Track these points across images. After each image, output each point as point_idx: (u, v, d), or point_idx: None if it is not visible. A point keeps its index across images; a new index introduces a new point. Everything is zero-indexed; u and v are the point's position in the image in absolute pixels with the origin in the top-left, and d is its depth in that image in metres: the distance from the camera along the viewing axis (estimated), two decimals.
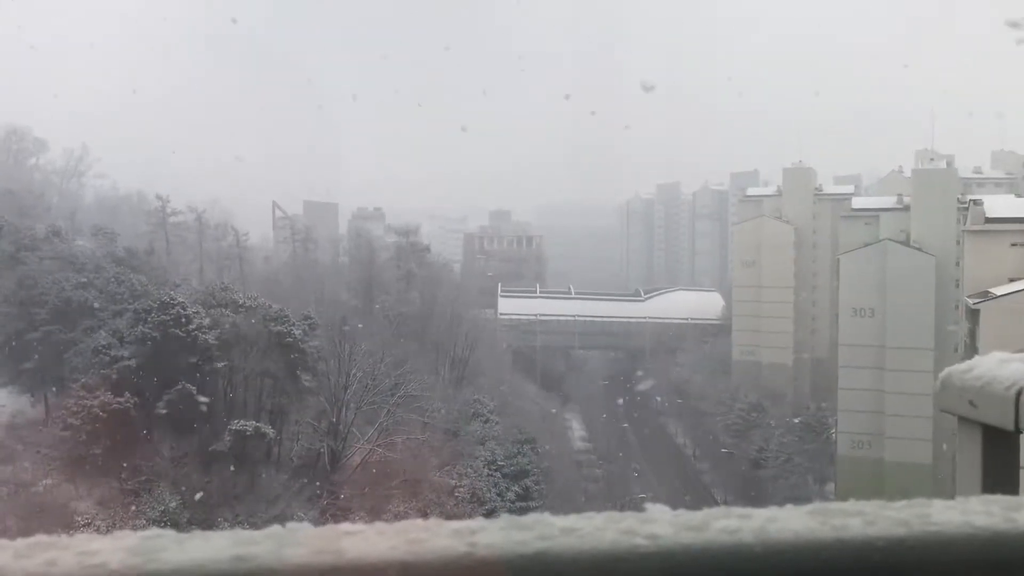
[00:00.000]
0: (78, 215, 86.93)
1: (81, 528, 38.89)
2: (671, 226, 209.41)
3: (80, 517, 40.87)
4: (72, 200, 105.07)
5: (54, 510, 41.00)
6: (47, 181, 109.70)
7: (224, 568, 1.37)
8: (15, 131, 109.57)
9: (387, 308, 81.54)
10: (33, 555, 1.40)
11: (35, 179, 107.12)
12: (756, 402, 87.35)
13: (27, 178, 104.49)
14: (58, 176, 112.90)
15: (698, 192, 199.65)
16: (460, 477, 53.53)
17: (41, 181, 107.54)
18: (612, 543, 1.42)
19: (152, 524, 39.45)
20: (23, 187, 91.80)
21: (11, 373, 55.70)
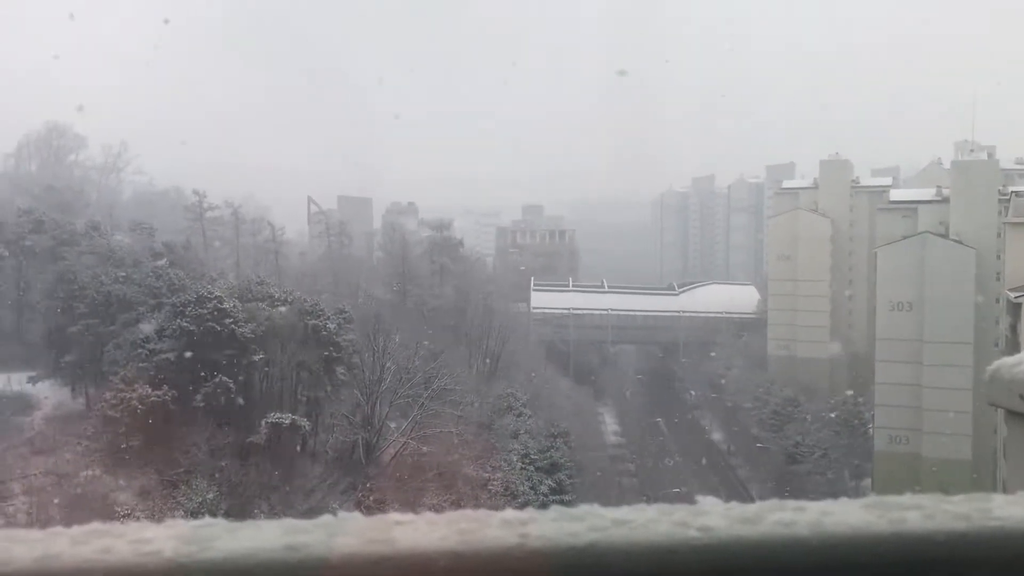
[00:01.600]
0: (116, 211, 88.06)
1: (121, 519, 39.51)
2: (706, 219, 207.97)
3: (120, 508, 41.52)
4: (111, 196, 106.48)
5: (95, 501, 41.69)
6: (86, 177, 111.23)
7: (276, 557, 1.39)
8: (56, 127, 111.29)
9: (420, 302, 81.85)
10: (88, 542, 1.43)
11: (75, 175, 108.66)
12: (791, 396, 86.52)
13: (67, 174, 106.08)
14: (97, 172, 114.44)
15: (733, 185, 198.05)
16: (493, 470, 53.67)
17: (81, 177, 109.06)
18: (665, 535, 1.42)
19: (190, 515, 40.04)
20: (63, 183, 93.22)
21: (52, 366, 56.58)
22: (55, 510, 40.30)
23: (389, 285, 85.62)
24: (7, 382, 54.03)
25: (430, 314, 78.13)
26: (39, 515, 39.67)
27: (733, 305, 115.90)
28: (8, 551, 1.40)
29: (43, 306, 60.12)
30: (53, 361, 56.56)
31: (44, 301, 59.72)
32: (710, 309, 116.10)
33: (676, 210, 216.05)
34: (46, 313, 59.62)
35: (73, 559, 1.40)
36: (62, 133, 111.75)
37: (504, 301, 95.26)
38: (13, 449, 46.32)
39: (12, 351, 60.57)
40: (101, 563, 1.39)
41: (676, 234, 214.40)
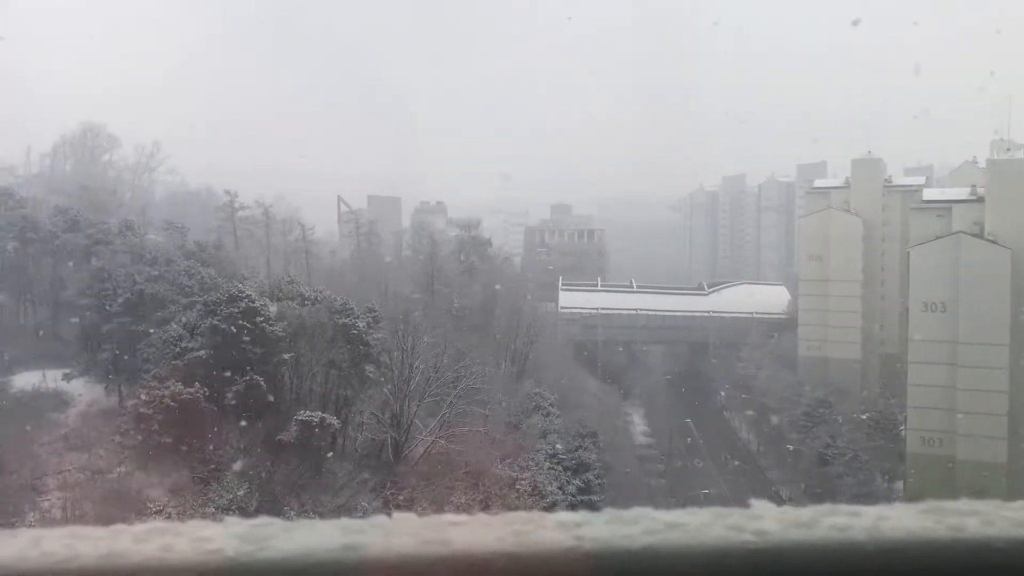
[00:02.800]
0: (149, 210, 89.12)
1: (154, 515, 39.94)
2: (736, 219, 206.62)
3: (152, 504, 41.94)
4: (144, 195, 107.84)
5: (128, 497, 42.16)
6: (119, 177, 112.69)
7: (334, 556, 1.41)
8: (90, 128, 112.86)
9: (449, 301, 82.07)
10: (150, 540, 1.46)
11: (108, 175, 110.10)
12: (822, 398, 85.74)
13: (101, 174, 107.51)
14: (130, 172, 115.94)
15: (764, 184, 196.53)
16: (521, 470, 53.66)
17: (114, 177, 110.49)
18: (719, 539, 1.42)
19: (221, 512, 40.42)
20: (97, 183, 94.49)
21: (86, 363, 57.31)
22: (89, 506, 40.81)
23: (418, 284, 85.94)
24: (43, 379, 54.83)
25: (458, 313, 78.29)
26: (73, 510, 40.21)
27: (763, 305, 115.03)
28: (73, 548, 1.43)
29: (78, 304, 60.92)
30: (87, 358, 57.28)
31: (79, 299, 60.50)
32: (740, 309, 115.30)
33: (706, 209, 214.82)
34: (81, 311, 60.41)
35: (136, 557, 1.42)
36: (96, 134, 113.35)
37: (532, 300, 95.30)
38: (49, 445, 47.01)
39: (48, 348, 61.53)
40: (163, 561, 1.41)
41: (706, 233, 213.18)
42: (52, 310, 69.48)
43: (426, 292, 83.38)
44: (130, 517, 38.56)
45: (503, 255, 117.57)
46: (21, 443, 44.32)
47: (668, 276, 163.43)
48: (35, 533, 1.48)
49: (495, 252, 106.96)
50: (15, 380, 53.96)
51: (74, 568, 1.40)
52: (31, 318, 71.91)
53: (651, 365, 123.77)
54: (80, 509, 40.35)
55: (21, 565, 1.40)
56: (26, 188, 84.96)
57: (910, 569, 1.40)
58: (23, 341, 62.82)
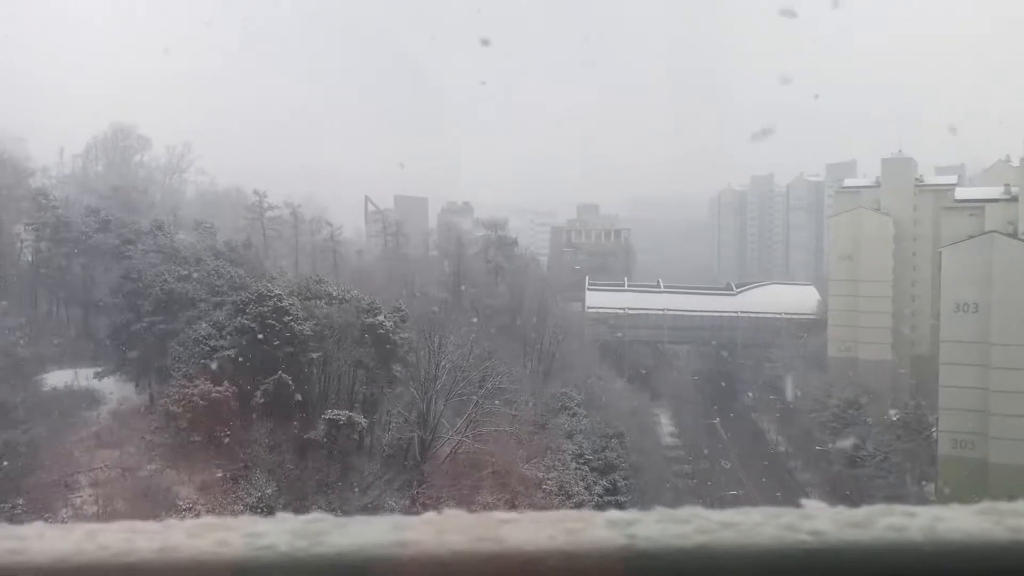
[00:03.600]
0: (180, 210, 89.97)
1: (183, 512, 40.30)
2: (764, 218, 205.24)
3: (182, 501, 42.33)
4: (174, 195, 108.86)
5: (158, 494, 42.59)
6: (150, 177, 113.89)
7: (388, 552, 1.41)
8: (121, 129, 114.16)
9: (475, 301, 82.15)
10: (204, 535, 1.48)
11: (139, 175, 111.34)
12: (852, 399, 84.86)
13: (132, 175, 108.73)
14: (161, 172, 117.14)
15: (793, 183, 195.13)
16: (548, 470, 53.61)
17: (145, 177, 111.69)
18: (774, 538, 1.41)
19: (249, 510, 40.70)
20: (128, 183, 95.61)
21: (117, 361, 57.99)
22: (120, 503, 41.26)
23: (444, 284, 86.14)
24: (75, 377, 55.54)
25: (485, 313, 78.34)
26: (105, 507, 40.67)
27: (792, 306, 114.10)
28: (130, 542, 1.46)
29: (109, 303, 61.65)
30: (119, 357, 57.95)
31: (110, 298, 61.24)
32: (769, 310, 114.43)
33: (734, 209, 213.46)
34: (112, 310, 61.12)
35: (191, 551, 1.44)
36: (127, 134, 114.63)
37: (559, 300, 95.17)
38: (81, 442, 47.62)
39: (80, 347, 62.38)
40: (218, 556, 1.43)
41: (734, 233, 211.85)
42: (84, 309, 70.41)
43: (452, 292, 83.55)
44: (160, 514, 38.94)
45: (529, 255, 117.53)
46: (54, 440, 44.91)
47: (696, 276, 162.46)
48: (91, 527, 1.50)
49: (521, 252, 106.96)
50: (48, 378, 54.67)
51: (131, 562, 1.42)
52: (63, 317, 72.94)
53: (678, 366, 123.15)
54: (111, 506, 40.79)
55: (79, 558, 1.43)
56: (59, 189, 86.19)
57: (970, 571, 1.38)
58: (56, 340, 63.67)
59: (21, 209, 73.62)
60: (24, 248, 75.12)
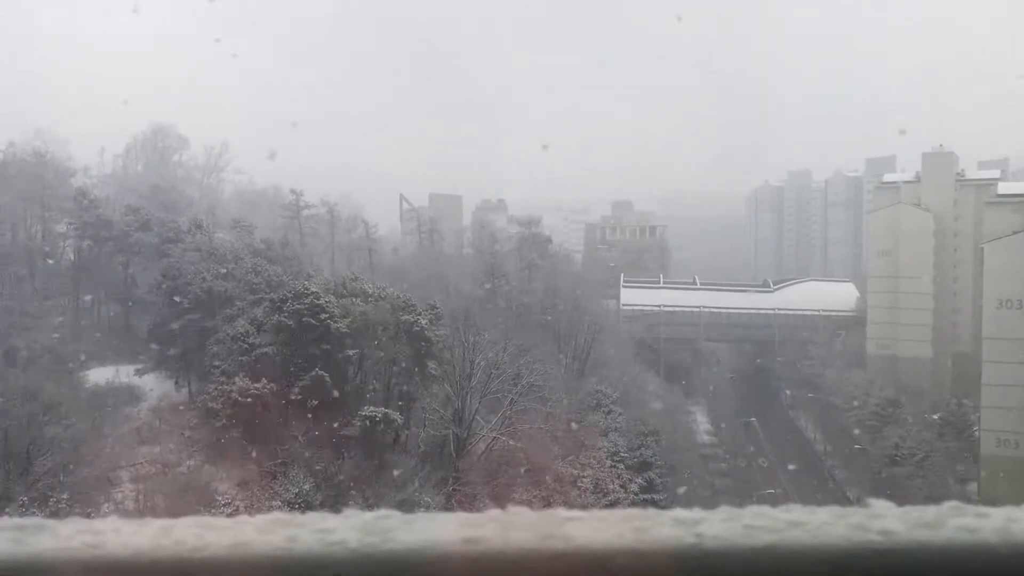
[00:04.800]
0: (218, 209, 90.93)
1: (221, 508, 40.73)
2: (802, 214, 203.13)
3: (221, 497, 42.77)
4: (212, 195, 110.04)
5: (197, 490, 43.07)
6: (189, 177, 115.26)
7: (456, 549, 1.42)
8: (160, 129, 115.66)
9: (509, 298, 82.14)
10: (274, 531, 1.49)
11: (178, 175, 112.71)
12: (892, 397, 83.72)
13: (171, 174, 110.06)
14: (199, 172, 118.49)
15: (831, 179, 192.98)
16: (583, 467, 53.50)
17: (183, 177, 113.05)
18: (843, 538, 1.39)
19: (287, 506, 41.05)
20: (168, 182, 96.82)
21: (157, 358, 58.73)
22: (160, 498, 41.80)
23: (478, 281, 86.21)
24: (116, 374, 56.36)
25: (519, 310, 78.32)
26: (145, 502, 41.23)
27: (830, 302, 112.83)
28: (203, 537, 1.48)
29: (149, 301, 62.48)
30: (158, 354, 58.67)
31: (150, 296, 62.05)
32: (806, 306, 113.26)
33: (771, 205, 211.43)
34: (152, 308, 61.93)
35: (262, 547, 1.45)
36: (166, 134, 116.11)
37: (593, 298, 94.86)
38: (122, 438, 48.31)
39: (121, 344, 63.31)
40: (289, 551, 1.44)
41: (771, 229, 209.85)
42: (124, 307, 71.45)
43: (487, 289, 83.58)
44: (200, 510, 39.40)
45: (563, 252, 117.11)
46: (96, 436, 45.60)
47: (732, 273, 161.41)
48: (164, 522, 1.54)
49: (555, 249, 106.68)
50: (90, 375, 55.51)
51: (205, 557, 1.44)
52: (105, 315, 74.08)
53: (715, 363, 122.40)
54: (151, 501, 41.33)
55: (155, 553, 1.45)
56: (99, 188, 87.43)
57: None
58: (97, 337, 64.69)
59: (63, 208, 74.91)
60: (66, 247, 76.46)
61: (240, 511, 40.00)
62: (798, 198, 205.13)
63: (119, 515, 1.57)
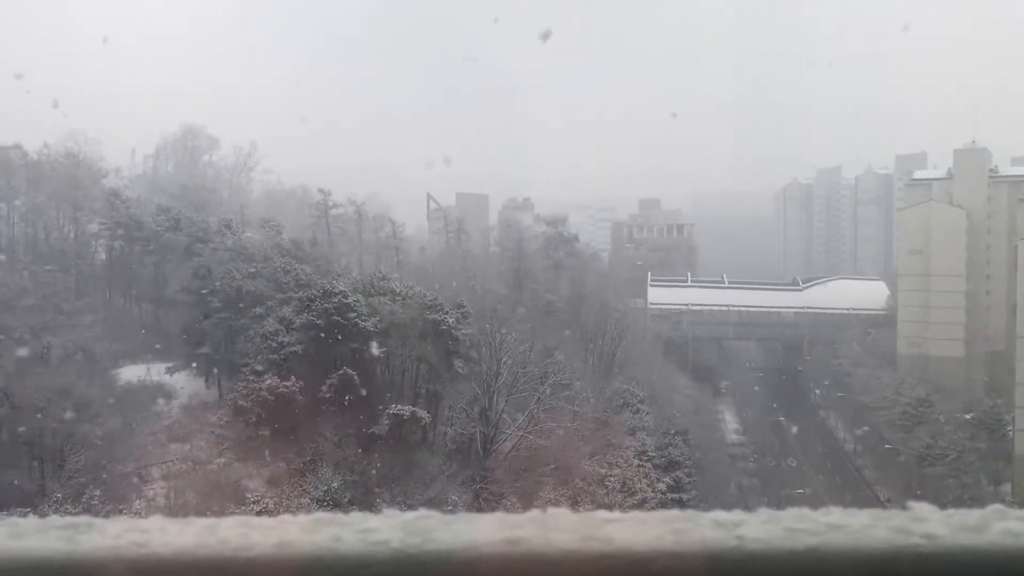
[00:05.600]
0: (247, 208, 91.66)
1: (251, 505, 41.08)
2: (831, 212, 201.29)
3: (250, 494, 43.14)
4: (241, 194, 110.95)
5: (227, 487, 43.48)
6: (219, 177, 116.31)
7: (496, 550, 1.42)
8: (191, 129, 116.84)
9: (536, 297, 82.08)
10: (317, 531, 1.50)
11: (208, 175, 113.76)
12: (923, 397, 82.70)
13: (201, 174, 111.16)
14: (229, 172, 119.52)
15: (861, 176, 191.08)
16: (610, 466, 53.39)
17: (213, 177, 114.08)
18: (885, 541, 1.38)
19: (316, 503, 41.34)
20: (198, 182, 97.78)
21: (188, 357, 59.25)
22: (191, 495, 42.24)
23: (505, 280, 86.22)
24: (147, 372, 56.99)
25: (546, 309, 78.23)
26: (176, 499, 41.69)
27: (860, 301, 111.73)
28: (247, 537, 1.49)
29: (179, 300, 63.07)
30: (189, 352, 59.17)
31: (180, 295, 62.63)
32: (836, 305, 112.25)
33: (800, 203, 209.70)
34: (182, 307, 62.50)
35: (306, 546, 1.46)
36: (196, 135, 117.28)
37: (620, 297, 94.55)
38: (153, 436, 48.86)
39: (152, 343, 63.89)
40: (333, 551, 1.45)
41: (800, 227, 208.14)
42: (155, 306, 72.18)
43: (514, 288, 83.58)
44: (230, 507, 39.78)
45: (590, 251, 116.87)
46: (128, 433, 46.17)
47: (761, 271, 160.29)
48: (209, 522, 1.56)
49: (582, 248, 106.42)
50: (122, 373, 56.15)
51: (250, 556, 1.46)
52: (136, 313, 74.91)
53: (743, 362, 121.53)
54: (182, 498, 41.78)
55: (201, 552, 1.47)
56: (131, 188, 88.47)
57: None
58: (129, 336, 65.36)
59: (95, 209, 75.86)
60: (98, 246, 77.43)
61: (269, 508, 40.38)
62: (827, 196, 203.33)
63: (163, 514, 1.62)
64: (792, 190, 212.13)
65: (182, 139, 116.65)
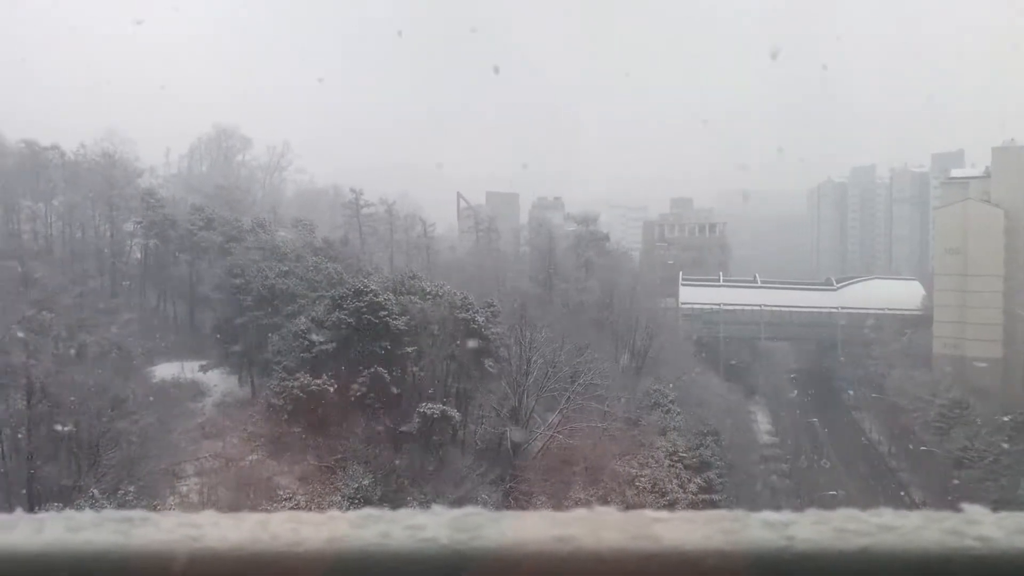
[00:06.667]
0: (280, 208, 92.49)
1: (283, 502, 41.38)
2: (866, 211, 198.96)
3: (282, 491, 43.46)
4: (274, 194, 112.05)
5: (259, 484, 43.84)
6: (252, 176, 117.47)
7: (546, 548, 1.42)
8: (224, 130, 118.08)
9: (566, 296, 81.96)
10: (366, 526, 1.52)
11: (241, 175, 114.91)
12: (960, 398, 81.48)
13: (234, 174, 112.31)
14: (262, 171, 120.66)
15: (896, 174, 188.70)
16: (641, 467, 53.15)
17: (246, 177, 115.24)
18: (938, 543, 1.37)
19: (347, 501, 41.55)
20: (231, 182, 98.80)
21: (221, 355, 59.87)
22: (223, 492, 42.63)
23: (535, 279, 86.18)
24: (181, 370, 57.61)
25: (576, 308, 78.08)
26: (209, 495, 42.09)
27: (895, 301, 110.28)
28: (298, 532, 1.51)
29: (213, 299, 63.72)
30: (222, 350, 59.80)
31: (214, 294, 63.27)
32: (870, 305, 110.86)
33: (834, 201, 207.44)
34: (215, 305, 63.15)
35: (357, 542, 1.48)
36: (230, 135, 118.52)
37: (651, 296, 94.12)
38: (187, 433, 49.38)
39: (186, 341, 64.70)
40: (382, 546, 1.47)
41: (834, 226, 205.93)
42: (189, 304, 73.02)
43: (544, 287, 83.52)
44: (262, 504, 40.11)
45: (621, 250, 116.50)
46: (162, 430, 46.66)
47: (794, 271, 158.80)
48: (261, 517, 1.57)
49: (613, 247, 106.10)
50: (156, 370, 56.84)
51: (301, 552, 1.47)
52: (170, 312, 75.83)
53: (776, 363, 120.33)
54: (215, 494, 42.17)
55: (254, 546, 1.48)
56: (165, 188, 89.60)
57: None
58: (163, 334, 66.19)
59: (131, 208, 76.92)
60: (134, 245, 78.47)
61: (301, 505, 40.66)
62: (862, 194, 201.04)
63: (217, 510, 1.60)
64: (826, 188, 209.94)
65: (216, 139, 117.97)
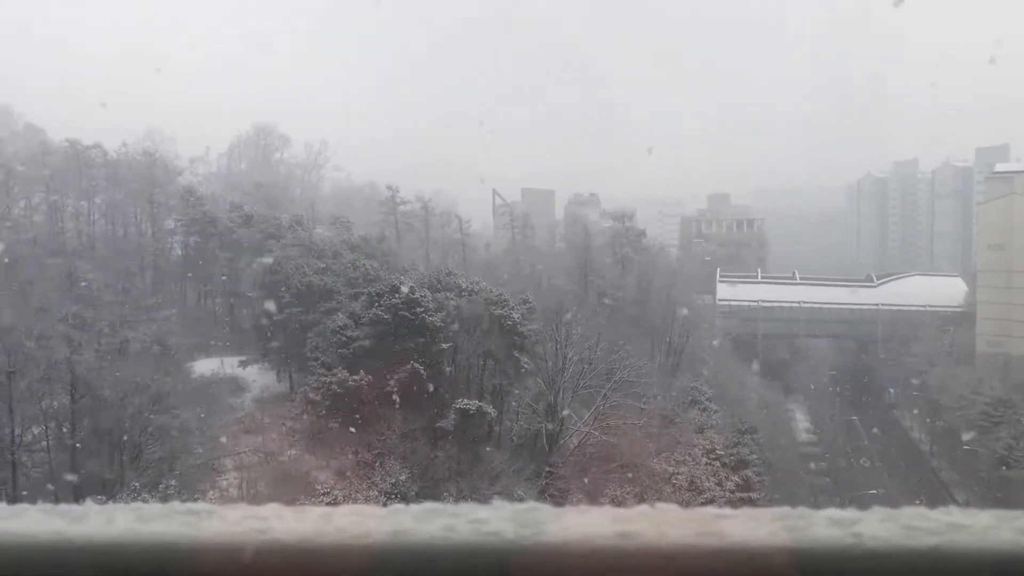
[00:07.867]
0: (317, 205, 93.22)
1: (321, 496, 41.73)
2: (907, 206, 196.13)
3: (320, 486, 43.84)
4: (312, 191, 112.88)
5: (297, 478, 44.26)
6: (290, 174, 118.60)
7: (611, 543, 1.41)
8: (263, 129, 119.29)
9: (602, 293, 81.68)
10: (430, 520, 1.51)
11: (280, 172, 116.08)
12: (1004, 397, 79.98)
13: (273, 172, 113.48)
14: (300, 169, 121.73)
15: (938, 169, 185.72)
16: (678, 464, 52.87)
17: (285, 174, 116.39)
18: (1012, 543, 1.35)
19: (384, 496, 41.82)
20: (270, 180, 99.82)
21: (260, 351, 60.50)
22: (262, 486, 43.11)
23: (571, 276, 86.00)
24: (221, 366, 58.28)
25: (612, 305, 77.80)
26: (248, 490, 42.58)
27: (937, 298, 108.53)
28: (363, 525, 1.52)
29: (252, 295, 64.41)
30: (261, 346, 60.42)
31: (252, 290, 63.96)
32: (911, 302, 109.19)
33: (874, 197, 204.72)
34: (254, 302, 63.82)
35: (420, 536, 1.48)
36: (268, 133, 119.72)
37: (688, 293, 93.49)
38: (226, 428, 49.93)
39: (225, 337, 65.49)
40: (447, 540, 1.47)
41: (874, 222, 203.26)
42: (228, 300, 73.92)
43: (579, 284, 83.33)
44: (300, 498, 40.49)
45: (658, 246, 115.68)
46: (202, 425, 47.28)
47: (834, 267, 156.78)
48: (324, 510, 1.59)
49: (649, 243, 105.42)
50: (196, 366, 57.54)
51: (367, 544, 1.48)
52: (210, 308, 76.82)
53: (815, 360, 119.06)
54: (254, 488, 42.65)
55: (320, 539, 1.50)
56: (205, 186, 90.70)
57: None
58: (203, 330, 67.04)
59: (171, 206, 78.03)
60: (174, 243, 79.58)
61: (338, 500, 40.99)
62: (903, 189, 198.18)
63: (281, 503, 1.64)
64: (866, 184, 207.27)
65: (254, 138, 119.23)
